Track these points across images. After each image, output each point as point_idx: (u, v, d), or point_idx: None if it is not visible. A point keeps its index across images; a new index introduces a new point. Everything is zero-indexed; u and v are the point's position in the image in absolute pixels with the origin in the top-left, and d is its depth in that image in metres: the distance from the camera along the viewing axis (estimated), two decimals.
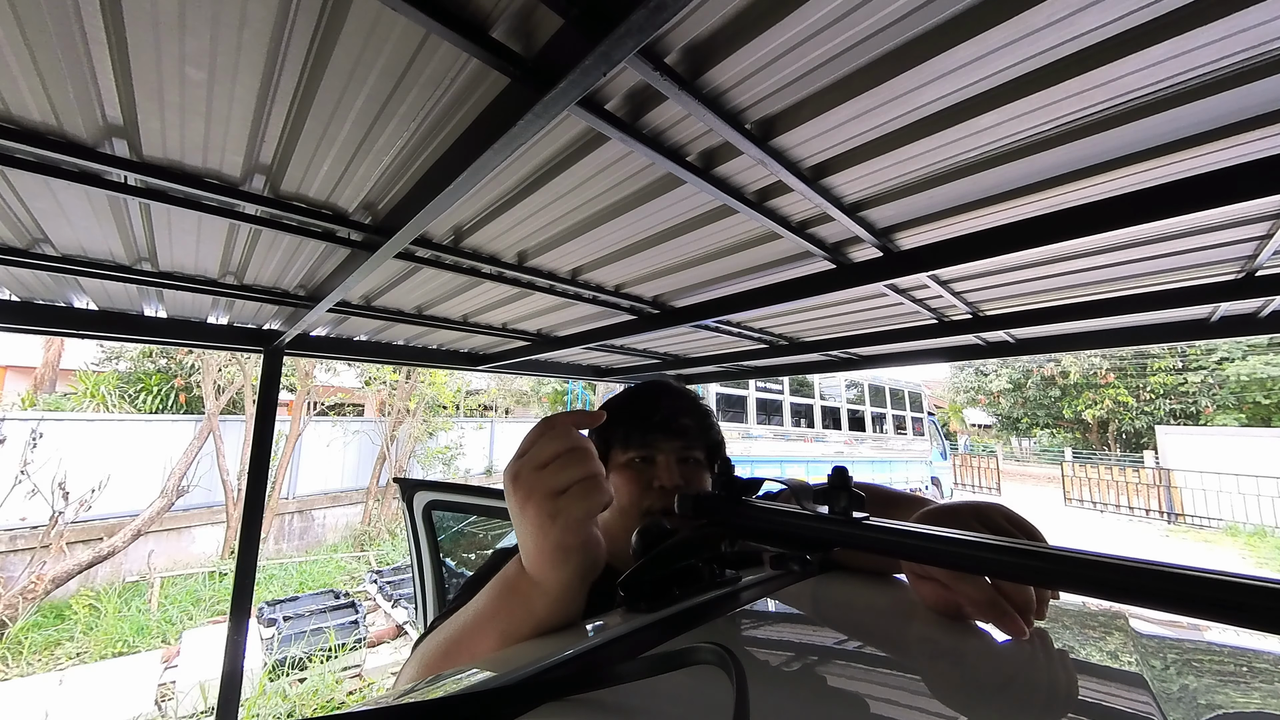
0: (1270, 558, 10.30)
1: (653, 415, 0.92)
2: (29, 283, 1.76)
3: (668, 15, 0.55)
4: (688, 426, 0.93)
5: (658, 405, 0.94)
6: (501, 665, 0.40)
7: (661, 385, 1.01)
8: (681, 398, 0.98)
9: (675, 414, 0.93)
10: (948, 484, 14.12)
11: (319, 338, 2.56)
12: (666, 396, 0.97)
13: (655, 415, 0.92)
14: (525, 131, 0.75)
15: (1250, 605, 0.30)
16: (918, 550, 0.43)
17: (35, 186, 1.13)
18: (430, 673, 0.57)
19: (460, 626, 0.59)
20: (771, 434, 9.14)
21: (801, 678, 0.42)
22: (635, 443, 0.91)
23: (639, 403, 0.96)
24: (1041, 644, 0.48)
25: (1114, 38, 0.70)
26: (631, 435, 0.92)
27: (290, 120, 0.92)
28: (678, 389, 1.01)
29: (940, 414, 28.46)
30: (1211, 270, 1.50)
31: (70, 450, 6.38)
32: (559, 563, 0.53)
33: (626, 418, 0.93)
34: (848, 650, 0.48)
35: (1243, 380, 18.50)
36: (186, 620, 5.87)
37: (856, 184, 1.10)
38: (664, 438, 0.91)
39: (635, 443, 0.91)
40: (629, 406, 0.95)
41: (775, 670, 0.42)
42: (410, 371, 9.88)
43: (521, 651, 0.44)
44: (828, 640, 0.48)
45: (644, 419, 0.92)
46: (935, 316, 2.09)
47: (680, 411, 0.94)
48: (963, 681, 0.42)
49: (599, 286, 1.84)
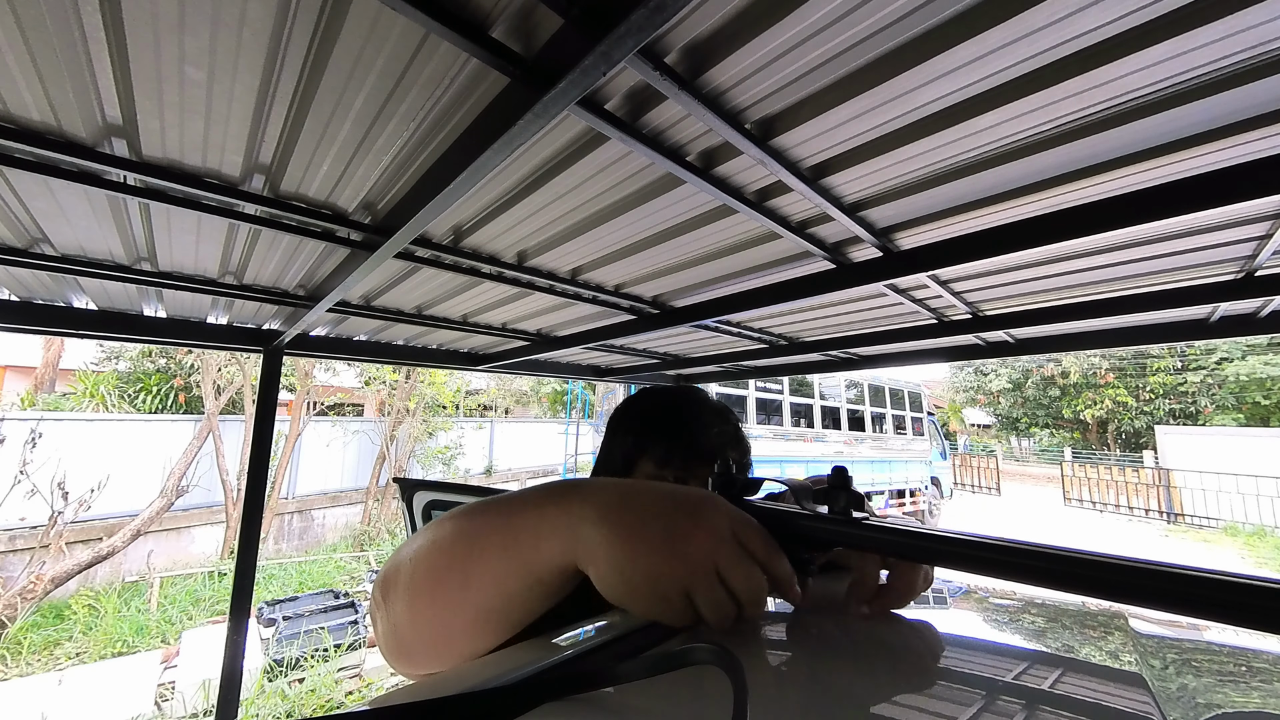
0: (1269, 557, 10.31)
1: (700, 442, 0.88)
2: (28, 282, 1.76)
3: (668, 15, 0.55)
4: (727, 460, 0.90)
5: (707, 432, 0.89)
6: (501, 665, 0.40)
7: (711, 406, 0.96)
8: (728, 424, 0.94)
9: (723, 446, 0.89)
10: (947, 484, 14.13)
11: (319, 338, 2.56)
12: (717, 424, 0.92)
13: (703, 442, 0.88)
14: (525, 131, 0.75)
15: (1250, 605, 0.30)
16: (918, 550, 0.43)
17: (35, 186, 1.13)
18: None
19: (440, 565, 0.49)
20: (771, 434, 9.14)
21: (801, 677, 0.42)
22: (675, 464, 0.86)
23: (689, 423, 0.91)
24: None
25: (1114, 38, 0.70)
26: (673, 455, 0.87)
27: (290, 120, 0.92)
28: (725, 412, 0.97)
29: (940, 414, 28.46)
30: (1211, 270, 1.50)
31: (69, 450, 6.37)
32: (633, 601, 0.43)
33: (672, 433, 0.89)
34: (847, 650, 0.48)
35: (1242, 380, 18.52)
36: (186, 620, 5.86)
37: (856, 184, 1.10)
38: (704, 468, 0.85)
39: (675, 464, 0.86)
40: (676, 420, 0.91)
41: (775, 670, 0.42)
42: (410, 371, 9.88)
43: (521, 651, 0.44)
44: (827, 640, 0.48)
45: (691, 444, 0.87)
46: (935, 316, 2.09)
47: (727, 443, 0.90)
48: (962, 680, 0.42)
49: (599, 286, 1.84)
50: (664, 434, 0.88)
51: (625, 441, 0.92)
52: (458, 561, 0.49)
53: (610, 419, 0.98)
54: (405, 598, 0.50)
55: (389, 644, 0.53)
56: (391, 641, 0.52)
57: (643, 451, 0.89)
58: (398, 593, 0.51)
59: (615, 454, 0.93)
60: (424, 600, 0.49)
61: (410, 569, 0.51)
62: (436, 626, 0.50)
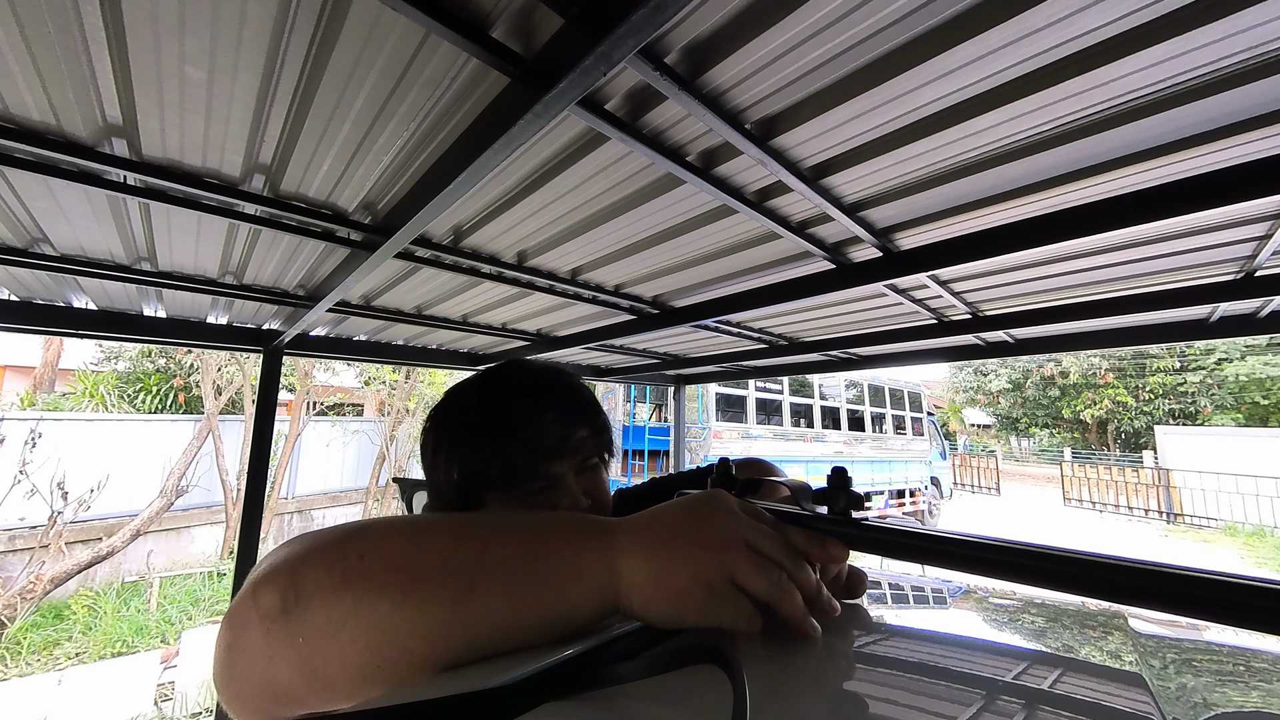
0: (1269, 558, 10.32)
1: (543, 437, 0.69)
2: (28, 282, 1.76)
3: (668, 15, 0.55)
4: (584, 440, 0.72)
5: (542, 417, 0.70)
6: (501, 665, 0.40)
7: (522, 386, 0.74)
8: (568, 397, 0.74)
9: (572, 426, 0.71)
10: (947, 484, 14.14)
11: (318, 337, 2.56)
12: (540, 406, 0.71)
13: (547, 437, 0.69)
14: (525, 131, 0.75)
15: (1249, 605, 0.30)
16: (918, 551, 0.43)
17: (35, 186, 1.13)
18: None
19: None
20: (771, 434, 9.15)
21: (801, 677, 0.42)
22: (522, 478, 0.68)
23: (512, 417, 0.70)
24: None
25: (1114, 38, 0.70)
26: (518, 468, 0.68)
27: (290, 120, 0.92)
28: (546, 385, 0.75)
29: (940, 414, 28.47)
30: (1210, 270, 1.50)
31: (69, 450, 6.36)
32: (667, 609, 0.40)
33: (502, 442, 0.68)
34: (847, 649, 0.48)
35: (1241, 380, 18.54)
36: (185, 620, 5.86)
37: (856, 184, 1.11)
38: (560, 464, 0.70)
39: (522, 478, 0.68)
40: (489, 423, 0.70)
41: (775, 670, 0.42)
42: (410, 371, 9.87)
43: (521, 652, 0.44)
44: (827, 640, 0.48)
45: (532, 443, 0.69)
46: (935, 316, 2.09)
47: (573, 419, 0.72)
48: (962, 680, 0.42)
49: (599, 286, 1.84)
50: (493, 445, 0.69)
51: (449, 470, 0.71)
52: (460, 566, 0.39)
53: (421, 448, 0.78)
54: (349, 595, 0.36)
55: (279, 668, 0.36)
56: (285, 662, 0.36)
57: (474, 476, 0.69)
58: (327, 590, 0.36)
59: (442, 488, 0.72)
60: (387, 602, 0.36)
61: (367, 563, 0.38)
62: (387, 632, 0.36)
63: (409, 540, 0.40)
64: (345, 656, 0.36)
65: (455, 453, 0.71)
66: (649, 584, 0.41)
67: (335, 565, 0.37)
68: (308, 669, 0.36)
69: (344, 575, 0.37)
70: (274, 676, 0.36)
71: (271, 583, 0.37)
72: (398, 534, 0.40)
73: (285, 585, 0.37)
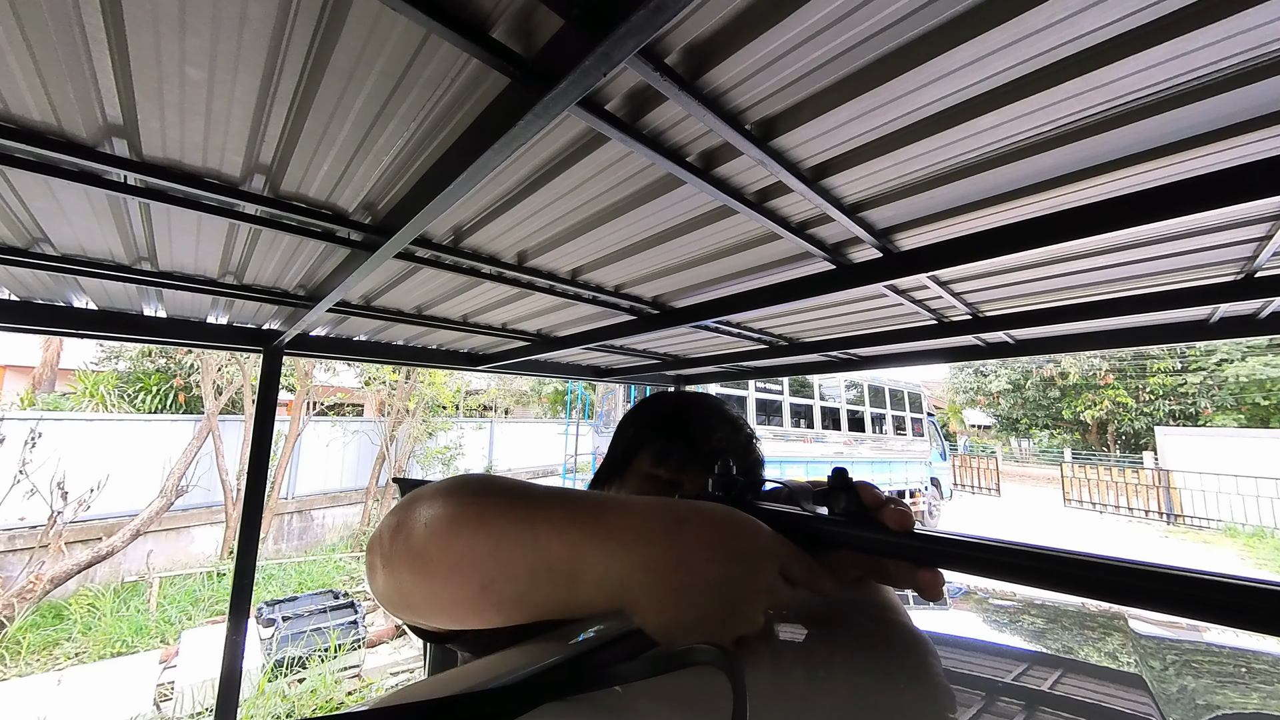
0: (1269, 559, 10.31)
1: (700, 445, 0.85)
2: (29, 282, 1.76)
3: (668, 16, 0.55)
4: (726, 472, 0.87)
5: (710, 436, 0.87)
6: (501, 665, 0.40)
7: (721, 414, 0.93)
8: (738, 432, 0.91)
9: (725, 452, 0.85)
10: (947, 485, 14.13)
11: (318, 338, 2.56)
12: (723, 431, 0.89)
13: (703, 446, 0.85)
14: (525, 132, 0.75)
15: (1249, 607, 0.30)
16: (917, 551, 0.43)
17: (35, 186, 1.13)
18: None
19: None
20: (771, 434, 9.14)
21: (800, 678, 0.42)
22: (671, 463, 0.84)
23: (692, 425, 0.89)
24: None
25: (1114, 39, 0.70)
26: (670, 454, 0.85)
27: (290, 120, 0.92)
28: (735, 422, 0.93)
29: (940, 415, 28.48)
30: (1211, 271, 1.50)
31: (69, 450, 6.37)
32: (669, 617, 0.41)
33: (673, 432, 0.87)
34: (847, 650, 0.48)
35: (1242, 381, 18.52)
36: (185, 620, 5.86)
37: (856, 185, 1.11)
38: (702, 471, 0.82)
39: (671, 463, 0.84)
40: (680, 421, 0.89)
41: (774, 670, 0.42)
42: (410, 371, 9.87)
43: (521, 652, 0.44)
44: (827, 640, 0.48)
45: (690, 445, 0.85)
46: (935, 317, 2.09)
47: (732, 450, 0.87)
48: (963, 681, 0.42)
49: (599, 287, 1.84)
50: (665, 432, 0.88)
51: (627, 435, 0.92)
52: (477, 559, 0.45)
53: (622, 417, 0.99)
54: (414, 568, 0.48)
55: (391, 598, 0.51)
56: (395, 597, 0.51)
57: (641, 446, 0.88)
58: (404, 558, 0.48)
59: (617, 448, 0.93)
60: (438, 580, 0.47)
61: (422, 542, 0.47)
62: (446, 602, 0.47)
63: (452, 533, 0.48)
64: (424, 602, 0.49)
65: (641, 426, 0.91)
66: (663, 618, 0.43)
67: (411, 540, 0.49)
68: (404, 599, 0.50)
69: (417, 552, 0.48)
70: (389, 599, 0.52)
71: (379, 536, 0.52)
72: (449, 525, 0.49)
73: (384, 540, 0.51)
